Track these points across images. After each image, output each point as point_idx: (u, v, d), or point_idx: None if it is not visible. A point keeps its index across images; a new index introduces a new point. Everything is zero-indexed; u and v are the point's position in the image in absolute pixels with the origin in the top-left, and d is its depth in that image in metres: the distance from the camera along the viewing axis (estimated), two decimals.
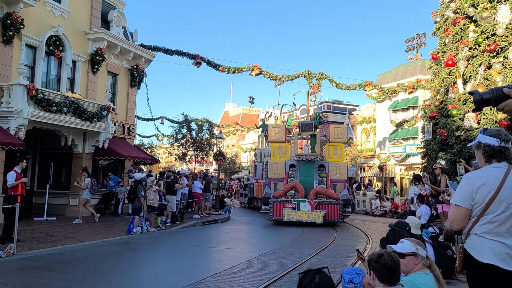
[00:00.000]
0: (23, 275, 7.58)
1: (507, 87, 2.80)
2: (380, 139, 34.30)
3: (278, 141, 20.53)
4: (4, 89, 14.51)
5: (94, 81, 18.83)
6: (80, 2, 18.29)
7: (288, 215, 16.67)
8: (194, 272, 8.25)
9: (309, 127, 19.42)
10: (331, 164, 19.44)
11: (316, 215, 16.44)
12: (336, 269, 7.83)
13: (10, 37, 14.80)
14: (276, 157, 20.33)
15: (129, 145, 20.72)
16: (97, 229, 13.91)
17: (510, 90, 2.77)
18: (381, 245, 5.52)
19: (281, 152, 20.39)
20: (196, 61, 23.11)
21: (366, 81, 26.82)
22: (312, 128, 19.39)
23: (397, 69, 33.95)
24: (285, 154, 20.31)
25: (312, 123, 19.56)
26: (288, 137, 21.09)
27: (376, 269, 2.98)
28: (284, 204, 17.00)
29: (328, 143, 20.22)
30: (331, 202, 16.90)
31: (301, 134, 20.10)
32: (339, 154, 19.97)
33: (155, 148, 50.97)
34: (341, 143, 20.11)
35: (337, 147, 19.97)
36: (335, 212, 16.73)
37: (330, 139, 20.08)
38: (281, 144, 20.52)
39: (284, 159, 20.05)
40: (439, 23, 17.56)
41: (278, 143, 20.52)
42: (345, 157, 20.36)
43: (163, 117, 37.26)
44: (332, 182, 18.99)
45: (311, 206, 16.62)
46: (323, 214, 16.44)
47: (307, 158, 19.49)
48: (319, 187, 17.91)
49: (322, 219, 16.37)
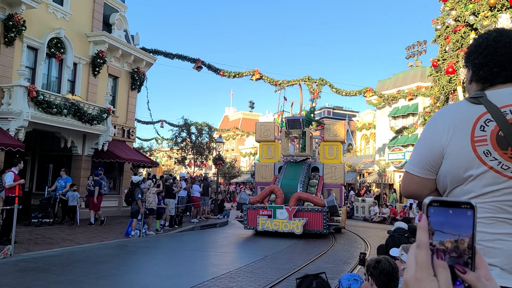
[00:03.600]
0: (20, 277, 7.55)
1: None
2: (379, 145, 34.31)
3: (267, 141, 18.44)
4: (5, 90, 14.53)
5: (94, 84, 18.86)
6: (82, 4, 18.35)
7: (262, 223, 14.44)
8: (191, 276, 8.22)
9: (297, 124, 16.92)
10: (325, 166, 17.20)
11: (295, 224, 14.07)
12: (334, 275, 7.81)
13: (12, 38, 14.84)
14: (265, 158, 18.40)
15: (128, 148, 20.71)
16: (95, 232, 13.87)
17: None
18: (378, 253, 5.50)
19: (270, 153, 18.36)
20: (197, 65, 23.16)
21: (366, 87, 26.88)
22: (300, 125, 16.89)
23: (397, 75, 34.02)
24: (274, 155, 18.22)
25: (300, 119, 17.04)
26: (279, 136, 18.75)
27: (374, 275, 2.98)
28: (258, 211, 14.73)
29: (323, 142, 17.95)
30: (313, 209, 14.39)
31: (288, 131, 17.48)
32: (335, 155, 17.51)
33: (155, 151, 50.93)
34: (337, 142, 17.69)
35: (333, 147, 17.59)
36: (317, 221, 14.24)
37: (325, 138, 17.75)
38: (270, 144, 18.46)
39: (273, 161, 18.02)
40: (440, 31, 17.63)
41: (267, 143, 18.46)
42: (342, 158, 17.84)
43: (163, 121, 37.31)
44: (327, 186, 16.89)
45: (288, 214, 14.28)
46: (302, 223, 14.04)
47: (295, 159, 17.41)
48: (302, 192, 15.39)
49: (301, 229, 14.00)
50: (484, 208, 1.50)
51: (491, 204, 1.50)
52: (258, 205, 14.94)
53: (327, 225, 14.27)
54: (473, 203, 0.68)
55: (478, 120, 1.52)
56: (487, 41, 1.63)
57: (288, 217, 14.24)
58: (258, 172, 17.95)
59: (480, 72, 1.62)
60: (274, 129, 18.37)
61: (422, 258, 0.66)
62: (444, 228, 0.67)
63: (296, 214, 14.33)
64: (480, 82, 1.65)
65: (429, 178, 1.63)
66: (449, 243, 0.67)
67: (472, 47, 1.68)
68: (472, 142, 1.51)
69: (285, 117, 17.47)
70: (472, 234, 0.66)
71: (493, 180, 1.50)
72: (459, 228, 0.67)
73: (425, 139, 1.64)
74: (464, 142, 1.53)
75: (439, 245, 0.66)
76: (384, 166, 30.49)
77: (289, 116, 19.09)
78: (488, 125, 1.51)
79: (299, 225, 14.06)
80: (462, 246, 0.66)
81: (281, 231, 14.20)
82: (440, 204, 0.68)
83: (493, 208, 1.50)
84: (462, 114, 1.57)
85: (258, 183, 17.68)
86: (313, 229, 14.22)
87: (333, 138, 17.58)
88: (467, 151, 1.52)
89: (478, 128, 1.51)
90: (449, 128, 1.56)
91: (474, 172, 1.52)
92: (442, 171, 1.59)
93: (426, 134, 1.65)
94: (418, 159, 1.64)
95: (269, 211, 14.55)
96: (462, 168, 1.54)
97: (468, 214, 0.67)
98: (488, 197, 1.51)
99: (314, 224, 14.26)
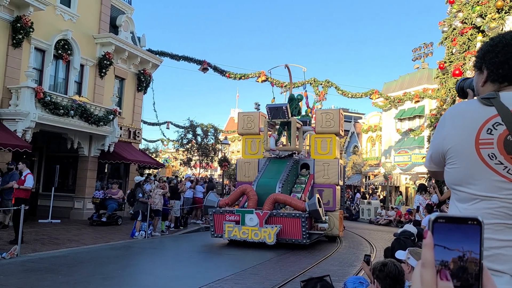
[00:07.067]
0: (27, 277, 7.60)
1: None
2: (385, 147, 34.19)
3: (250, 134, 15.88)
4: (12, 91, 14.65)
5: (101, 85, 18.96)
6: (89, 6, 18.47)
7: (229, 231, 12.15)
8: (196, 277, 8.23)
9: (280, 112, 14.10)
10: (317, 162, 14.58)
11: (267, 232, 11.75)
12: (340, 278, 7.78)
13: (20, 40, 14.96)
14: (248, 154, 15.89)
15: (134, 149, 20.79)
16: (101, 232, 13.93)
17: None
18: (385, 255, 5.48)
19: (254, 148, 15.70)
20: (202, 67, 23.22)
21: (372, 89, 26.80)
22: (284, 113, 14.06)
23: (403, 78, 33.90)
24: (259, 150, 15.57)
25: (283, 106, 14.16)
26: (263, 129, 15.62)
27: (380, 278, 2.97)
28: (225, 215, 12.50)
29: (314, 134, 15.37)
30: (290, 214, 12.03)
31: (271, 121, 14.58)
32: (328, 149, 14.81)
33: (160, 152, 51.05)
34: (331, 134, 14.91)
35: (326, 140, 14.90)
36: (295, 229, 11.88)
37: (316, 129, 15.13)
38: (254, 137, 15.78)
39: (258, 157, 15.51)
40: (447, 33, 17.56)
41: (250, 136, 15.87)
42: (337, 153, 15.07)
43: (169, 122, 37.36)
44: (318, 186, 14.32)
45: (259, 220, 11.89)
46: (275, 231, 11.73)
47: (279, 154, 14.66)
48: (280, 193, 12.82)
49: (274, 239, 11.72)
50: (492, 214, 1.48)
51: (498, 210, 1.48)
52: (225, 209, 12.67)
53: (307, 234, 11.88)
54: (480, 219, 0.66)
55: (486, 123, 1.50)
56: (504, 40, 1.61)
57: (259, 223, 11.89)
58: (240, 169, 15.60)
59: (500, 71, 1.59)
60: (259, 120, 15.79)
61: (427, 277, 0.65)
62: (450, 245, 0.65)
63: (268, 220, 11.98)
64: (497, 82, 1.61)
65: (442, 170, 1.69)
66: (455, 260, 0.65)
67: (488, 46, 1.66)
68: (476, 144, 1.50)
69: (266, 105, 14.88)
70: (479, 251, 0.65)
71: (499, 185, 1.48)
72: (466, 245, 0.65)
73: (435, 136, 1.69)
74: (467, 144, 1.52)
75: (444, 263, 0.65)
76: (390, 168, 30.38)
77: (271, 104, 15.99)
78: (496, 129, 1.49)
79: (271, 234, 11.73)
80: (468, 263, 0.65)
81: (250, 241, 11.94)
82: (446, 220, 0.67)
83: (501, 214, 1.48)
84: (470, 114, 1.55)
85: (240, 182, 15.01)
86: (290, 238, 11.98)
87: (326, 129, 14.86)
88: (470, 152, 1.51)
89: (485, 131, 1.50)
90: (454, 128, 1.56)
91: (476, 175, 1.50)
92: (446, 170, 1.62)
93: (436, 132, 1.69)
94: (430, 156, 1.72)
95: (237, 216, 12.25)
96: (462, 169, 1.53)
97: (475, 230, 0.65)
98: (495, 202, 1.49)
99: (291, 232, 11.94)
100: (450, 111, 1.65)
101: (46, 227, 14.24)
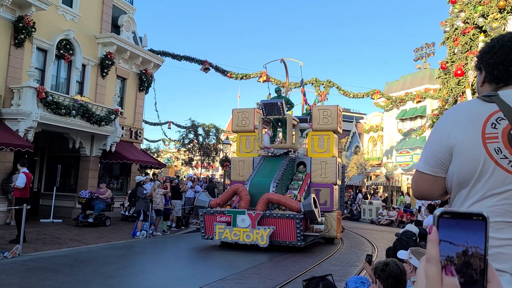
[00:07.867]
0: (29, 277, 7.61)
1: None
2: (387, 148, 34.16)
3: (245, 131, 15.40)
4: (15, 91, 14.67)
5: (103, 85, 18.99)
6: (91, 6, 18.50)
7: (220, 233, 11.73)
8: (197, 277, 8.23)
9: (275, 108, 13.70)
10: (314, 161, 14.18)
11: (259, 234, 11.36)
12: (341, 278, 7.78)
13: (22, 40, 14.99)
14: (243, 152, 15.40)
15: (136, 149, 20.82)
16: (103, 232, 13.95)
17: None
18: (387, 255, 5.47)
19: (249, 146, 15.21)
20: (204, 67, 23.23)
21: (374, 89, 26.80)
22: (279, 110, 13.67)
23: (405, 78, 33.87)
24: (254, 148, 15.14)
25: (278, 102, 13.73)
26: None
27: (382, 278, 2.96)
28: (215, 216, 12.10)
29: (311, 131, 14.88)
30: (283, 215, 11.59)
31: (265, 118, 14.16)
32: (326, 147, 14.31)
33: (162, 152, 51.09)
34: (329, 132, 14.44)
35: (323, 137, 14.39)
36: (289, 231, 11.46)
37: (314, 126, 14.64)
38: (249, 135, 15.28)
39: (253, 155, 15.08)
40: (449, 33, 17.54)
41: (245, 134, 15.40)
42: (334, 151, 14.69)
43: (170, 122, 37.40)
44: (314, 186, 13.95)
45: (251, 221, 11.51)
46: (268, 233, 11.34)
47: (275, 152, 14.33)
48: (273, 193, 12.35)
49: (267, 241, 11.32)
50: (494, 211, 1.47)
51: (500, 207, 1.47)
52: (216, 210, 12.26)
53: (302, 236, 11.47)
54: (485, 214, 0.65)
55: (490, 118, 1.51)
56: (502, 41, 1.62)
57: (251, 224, 11.48)
58: (234, 168, 15.03)
59: (495, 72, 1.61)
60: (254, 117, 15.25)
61: (432, 273, 0.65)
62: (455, 240, 0.65)
63: (261, 221, 11.56)
64: (493, 83, 1.63)
65: (440, 176, 1.62)
66: (460, 256, 0.64)
67: (486, 48, 1.67)
68: (483, 138, 1.49)
69: (261, 100, 14.47)
70: (484, 246, 0.64)
71: (502, 180, 1.47)
72: (471, 240, 0.64)
73: (434, 137, 1.64)
74: (474, 138, 1.51)
75: (449, 259, 0.64)
76: (392, 168, 30.35)
77: (266, 100, 15.64)
78: (499, 123, 1.49)
79: (264, 236, 11.33)
80: (473, 259, 0.64)
81: (242, 243, 11.51)
82: (451, 216, 0.66)
83: (503, 211, 1.47)
84: (473, 111, 1.55)
85: (234, 182, 14.45)
86: (284, 240, 11.56)
87: (323, 126, 14.39)
88: (478, 147, 1.50)
89: (490, 125, 1.50)
90: (458, 125, 1.55)
91: (483, 169, 1.49)
92: (451, 169, 1.58)
93: (436, 132, 1.64)
94: (428, 158, 1.63)
95: (228, 217, 11.82)
96: (471, 165, 1.52)
97: (480, 226, 0.65)
98: (498, 199, 1.48)
99: (285, 234, 11.52)
100: (450, 110, 1.65)
101: (48, 227, 14.27)
